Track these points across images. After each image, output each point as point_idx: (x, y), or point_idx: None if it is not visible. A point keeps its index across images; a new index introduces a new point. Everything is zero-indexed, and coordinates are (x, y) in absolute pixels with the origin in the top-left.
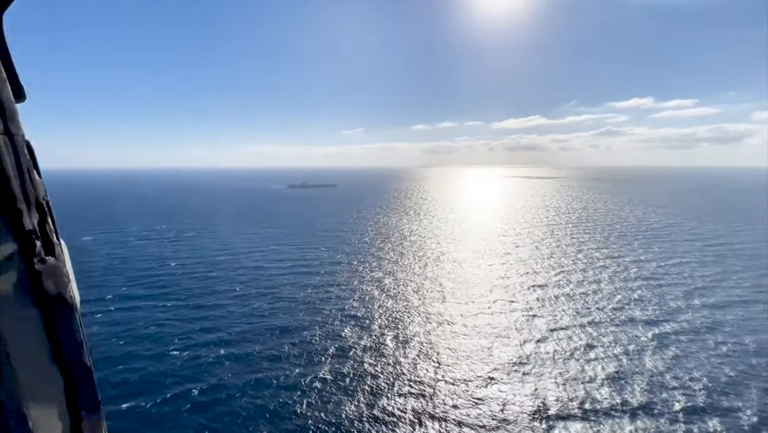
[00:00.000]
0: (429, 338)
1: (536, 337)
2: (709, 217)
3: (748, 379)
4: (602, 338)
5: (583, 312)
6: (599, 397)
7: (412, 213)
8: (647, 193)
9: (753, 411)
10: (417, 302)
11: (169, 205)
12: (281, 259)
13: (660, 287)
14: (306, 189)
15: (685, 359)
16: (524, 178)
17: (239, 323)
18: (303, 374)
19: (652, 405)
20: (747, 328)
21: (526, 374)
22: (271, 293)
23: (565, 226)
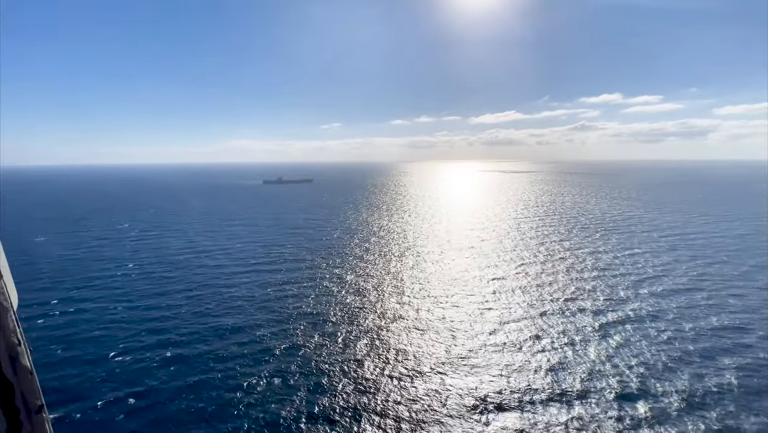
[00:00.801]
0: (380, 335)
1: (487, 330)
2: (668, 208)
3: (682, 365)
4: (551, 330)
5: (536, 304)
6: (540, 387)
7: (384, 209)
8: (615, 186)
9: (681, 397)
10: (374, 298)
11: (136, 203)
12: (244, 257)
13: (613, 277)
14: (281, 185)
15: (627, 347)
16: (500, 172)
17: (190, 323)
18: (248, 374)
19: (589, 394)
20: (688, 316)
21: (473, 366)
22: (228, 292)
23: (531, 219)
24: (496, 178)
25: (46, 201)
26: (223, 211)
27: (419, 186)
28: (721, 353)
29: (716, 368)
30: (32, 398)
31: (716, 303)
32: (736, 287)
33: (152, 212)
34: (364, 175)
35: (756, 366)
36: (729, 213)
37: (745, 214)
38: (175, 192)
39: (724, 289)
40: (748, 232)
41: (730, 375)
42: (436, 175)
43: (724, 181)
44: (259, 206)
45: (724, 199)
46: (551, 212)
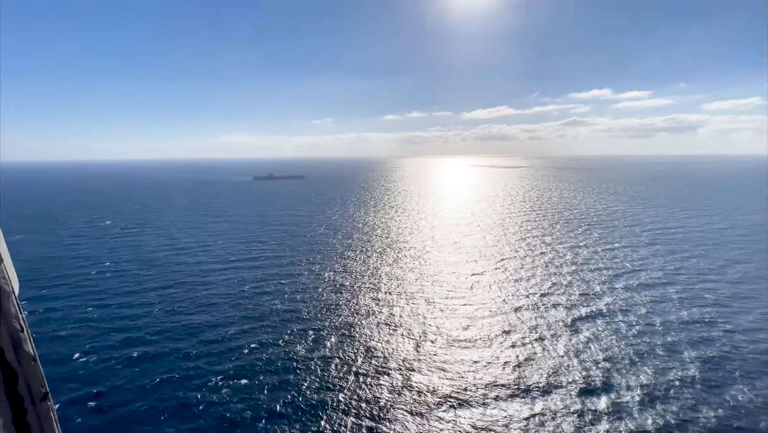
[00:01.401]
0: (351, 332)
1: (460, 326)
2: (652, 203)
3: (648, 360)
4: (523, 325)
5: (511, 300)
6: (506, 383)
7: (371, 205)
8: (604, 181)
9: (643, 391)
10: (349, 296)
11: (121, 199)
12: (224, 254)
13: (590, 272)
14: (271, 181)
15: (596, 342)
16: (491, 168)
17: (161, 322)
18: (213, 372)
19: (553, 389)
20: (659, 310)
21: (442, 363)
22: (203, 289)
23: (516, 215)
24: (486, 173)
25: (28, 198)
26: (209, 208)
27: (409, 182)
28: (688, 347)
29: (681, 362)
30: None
31: (688, 297)
32: (710, 281)
33: (137, 209)
34: (356, 171)
35: (719, 359)
36: (710, 208)
37: (725, 209)
38: (162, 188)
39: (698, 283)
40: (727, 226)
41: (694, 369)
42: (427, 171)
43: (710, 177)
44: (246, 203)
45: (708, 194)
46: (536, 208)
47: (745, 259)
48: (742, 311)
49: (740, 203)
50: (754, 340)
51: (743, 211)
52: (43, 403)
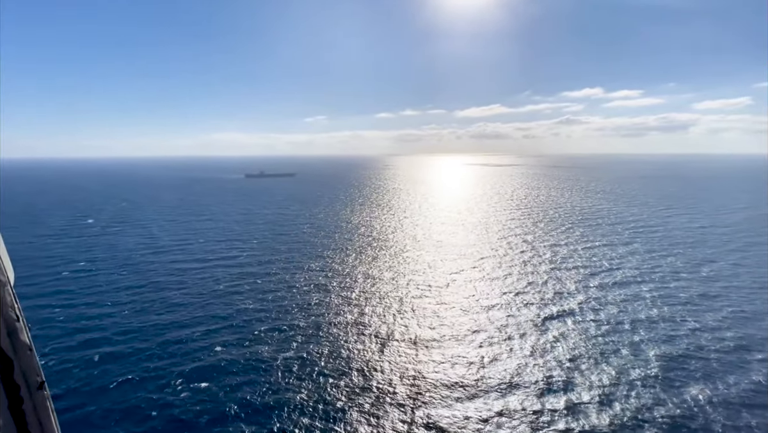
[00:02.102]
0: (318, 333)
1: (431, 324)
2: (638, 201)
3: (611, 359)
4: (494, 324)
5: (486, 298)
6: (470, 382)
7: (359, 203)
8: (593, 179)
9: (603, 389)
10: (322, 295)
11: (107, 197)
12: (203, 253)
13: (567, 271)
14: (263, 179)
15: (563, 340)
16: (483, 166)
17: (128, 322)
18: (175, 373)
19: (516, 387)
20: (629, 308)
21: (407, 362)
22: (177, 289)
23: (502, 213)
24: (479, 171)
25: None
26: (194, 206)
27: (400, 180)
28: (653, 346)
29: (645, 361)
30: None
31: (661, 295)
32: (683, 279)
33: (122, 206)
34: (349, 169)
35: (682, 359)
36: (693, 207)
37: (708, 208)
38: (150, 186)
39: (672, 281)
40: (707, 225)
41: (657, 369)
42: (420, 169)
43: (698, 176)
44: (233, 201)
45: (693, 193)
46: (522, 206)
47: (719, 258)
48: (711, 310)
49: (723, 202)
50: (719, 338)
51: (725, 210)
52: (39, 392)
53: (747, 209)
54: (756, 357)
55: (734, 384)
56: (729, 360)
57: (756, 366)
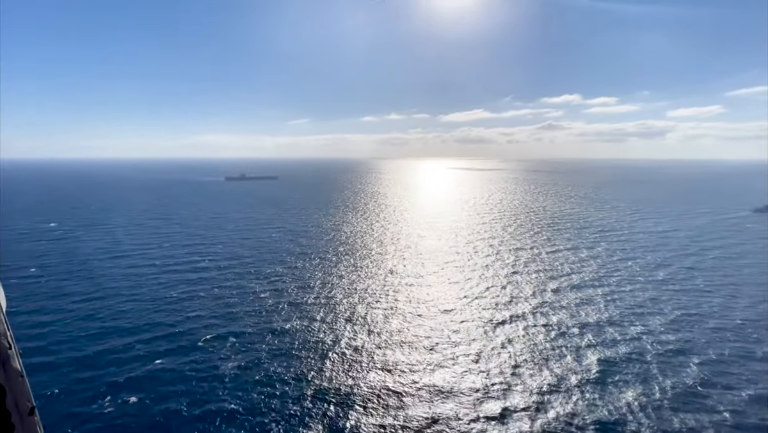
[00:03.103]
0: (267, 340)
1: (383, 330)
2: (608, 206)
3: (553, 363)
4: (447, 328)
5: (442, 304)
6: (410, 389)
7: (333, 207)
8: (570, 184)
9: (538, 396)
10: (275, 302)
11: (78, 199)
12: (165, 258)
13: (527, 274)
14: (244, 181)
15: (510, 345)
16: (466, 170)
17: (67, 331)
18: (106, 384)
19: (454, 394)
20: (581, 313)
21: (351, 369)
22: (129, 295)
23: (474, 217)
24: (460, 176)
25: None
26: (166, 210)
27: (380, 184)
28: (597, 349)
29: (585, 365)
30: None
31: (613, 299)
32: (638, 282)
33: (91, 210)
34: (332, 172)
35: (624, 362)
36: (659, 211)
37: (673, 213)
38: (126, 189)
39: (627, 285)
40: (669, 228)
41: (596, 372)
42: (403, 173)
43: (670, 180)
44: (207, 204)
45: (662, 197)
46: (495, 210)
47: (676, 261)
48: (660, 313)
49: (688, 207)
50: (662, 342)
51: (688, 215)
52: (30, 418)
53: (709, 214)
54: (693, 360)
55: (669, 388)
56: (668, 364)
57: (692, 369)
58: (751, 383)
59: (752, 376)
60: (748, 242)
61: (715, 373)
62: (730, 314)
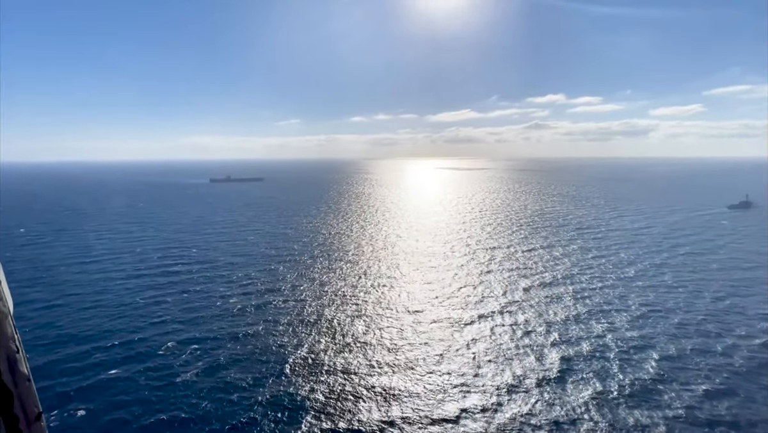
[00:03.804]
0: (229, 344)
1: (358, 331)
2: (589, 204)
3: (514, 362)
4: (415, 329)
5: (413, 303)
6: (371, 393)
7: (315, 209)
8: (554, 182)
9: (495, 399)
10: (244, 306)
11: (53, 204)
12: (135, 262)
13: (500, 273)
14: (228, 183)
15: (476, 345)
16: (454, 170)
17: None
18: (56, 394)
19: (414, 395)
20: (549, 311)
21: (313, 373)
22: (93, 301)
23: (455, 216)
24: (448, 175)
25: None
26: (143, 213)
27: (366, 184)
28: (559, 347)
29: (547, 363)
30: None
31: (582, 297)
32: (608, 279)
33: (65, 214)
34: (321, 173)
35: (586, 359)
36: (636, 209)
37: (649, 210)
38: (106, 192)
39: (598, 282)
40: (644, 226)
41: (555, 371)
42: (390, 174)
43: (651, 178)
44: (186, 207)
45: (642, 195)
46: (476, 210)
47: (647, 258)
48: (625, 310)
49: (664, 204)
50: (623, 338)
51: (663, 212)
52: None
53: (685, 211)
54: (654, 356)
55: (627, 385)
56: (628, 361)
57: (651, 366)
58: (707, 379)
59: (709, 372)
60: (718, 238)
61: (673, 369)
62: (694, 310)
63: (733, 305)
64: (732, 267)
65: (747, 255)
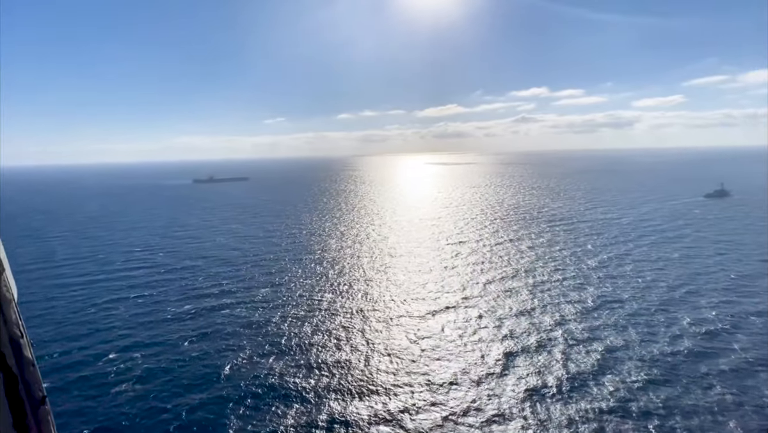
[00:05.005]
0: (177, 350)
1: (301, 333)
2: (566, 196)
3: (459, 356)
4: (361, 327)
5: (371, 303)
6: (311, 395)
7: (293, 208)
8: (536, 175)
9: (430, 394)
10: (205, 309)
11: (24, 209)
12: (99, 266)
13: (464, 267)
14: (212, 183)
15: (422, 342)
16: (441, 165)
17: None
18: None
19: (357, 392)
20: (505, 304)
21: (262, 376)
22: (45, 310)
23: (432, 211)
24: (433, 171)
25: None
26: (117, 217)
27: (350, 182)
28: (505, 342)
29: (491, 359)
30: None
31: (542, 289)
32: (568, 271)
33: (35, 219)
34: (308, 171)
35: (529, 352)
36: (612, 199)
37: (623, 201)
38: (81, 196)
39: (556, 273)
40: (616, 217)
41: (500, 365)
42: (377, 170)
43: (634, 169)
44: (162, 209)
45: (620, 185)
46: (453, 205)
47: (611, 249)
48: (579, 301)
49: (638, 195)
50: (571, 330)
51: (637, 202)
52: (41, 407)
53: (660, 200)
54: (598, 348)
55: (566, 379)
56: (571, 354)
57: (593, 358)
58: (643, 370)
59: (652, 362)
60: (687, 226)
61: (616, 360)
62: (648, 300)
63: (688, 294)
64: (694, 255)
65: (711, 244)
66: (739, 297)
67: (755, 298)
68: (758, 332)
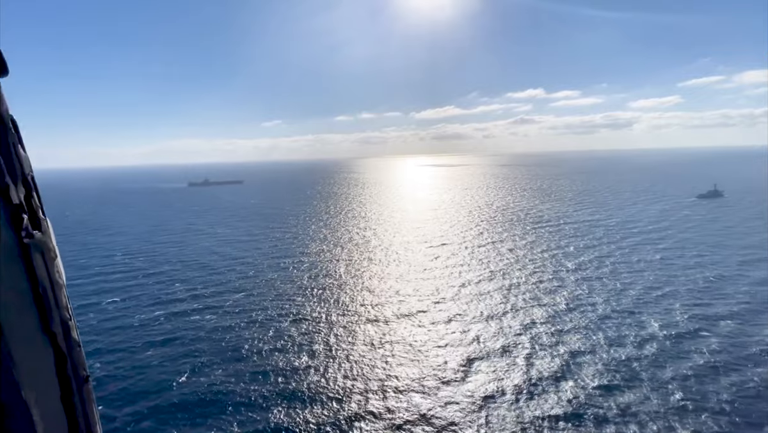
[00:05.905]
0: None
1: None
2: (555, 197)
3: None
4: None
5: (346, 306)
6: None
7: (280, 212)
8: (532, 176)
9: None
10: (177, 316)
11: None
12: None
13: (442, 269)
14: (206, 187)
15: (390, 345)
16: (436, 167)
17: None
18: None
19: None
20: (478, 306)
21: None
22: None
23: (421, 213)
24: (429, 173)
25: None
26: (102, 222)
27: (343, 185)
28: (471, 346)
29: (455, 362)
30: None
31: (513, 291)
32: (546, 272)
33: None
34: (304, 174)
35: (495, 355)
36: (602, 201)
37: (613, 203)
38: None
39: (533, 275)
40: (602, 218)
41: (463, 368)
42: (373, 173)
43: (630, 170)
44: (151, 213)
45: (613, 186)
46: (442, 207)
47: (591, 251)
48: (551, 304)
49: (627, 197)
50: (540, 333)
51: (625, 203)
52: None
53: (651, 201)
54: (562, 350)
55: (528, 382)
56: (536, 357)
57: (558, 361)
58: (606, 375)
59: (614, 366)
60: (673, 227)
61: (580, 365)
62: (623, 302)
63: (663, 297)
64: (676, 257)
65: (694, 245)
66: (713, 299)
67: (729, 300)
68: (727, 334)
